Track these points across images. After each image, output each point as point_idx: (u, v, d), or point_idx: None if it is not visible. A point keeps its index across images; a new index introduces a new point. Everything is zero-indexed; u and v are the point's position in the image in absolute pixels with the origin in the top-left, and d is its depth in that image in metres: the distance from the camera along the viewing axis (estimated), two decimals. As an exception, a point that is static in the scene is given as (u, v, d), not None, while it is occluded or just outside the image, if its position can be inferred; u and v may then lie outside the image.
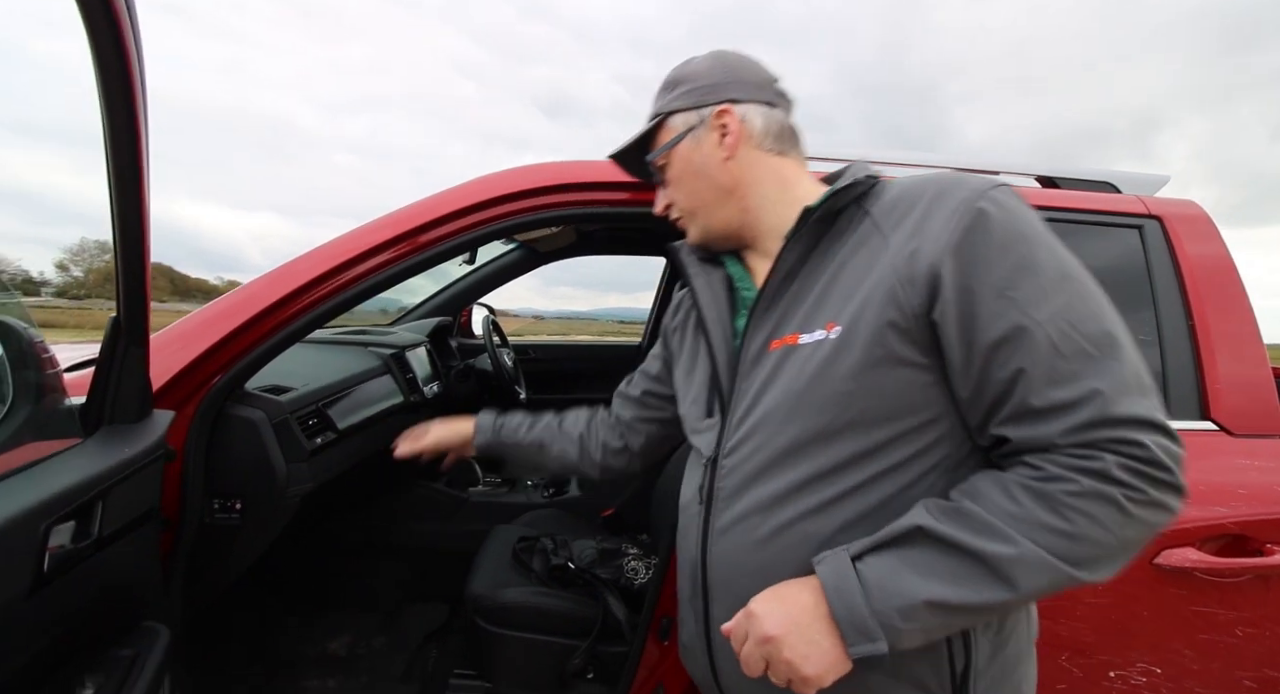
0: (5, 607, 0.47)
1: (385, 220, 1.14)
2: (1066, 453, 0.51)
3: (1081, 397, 0.50)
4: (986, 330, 0.53)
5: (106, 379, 0.78)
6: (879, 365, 0.56)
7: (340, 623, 1.66)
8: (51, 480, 0.56)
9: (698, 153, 0.70)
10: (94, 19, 0.47)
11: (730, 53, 0.73)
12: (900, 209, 0.59)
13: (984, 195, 0.55)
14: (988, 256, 0.53)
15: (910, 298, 0.55)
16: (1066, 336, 0.52)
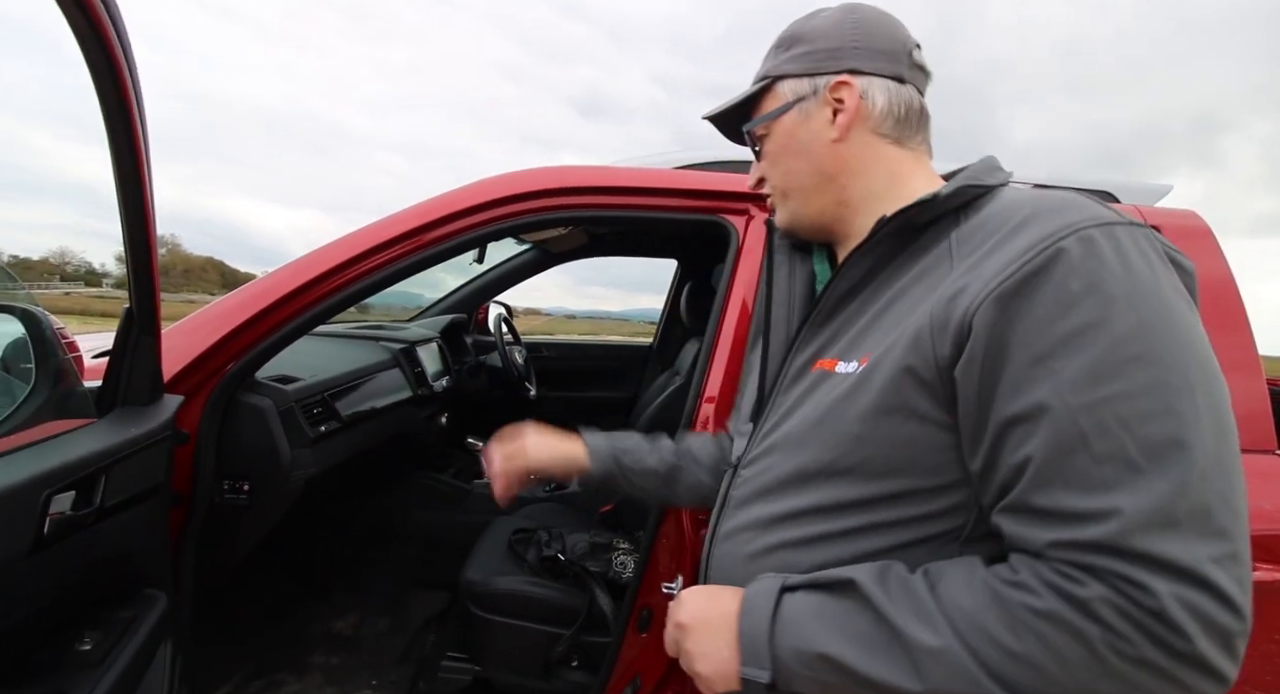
0: (6, 564, 0.53)
1: (392, 219, 1.20)
2: (1051, 565, 0.42)
3: (1096, 512, 0.40)
4: (1006, 401, 0.44)
5: (120, 365, 0.86)
6: (892, 414, 0.50)
7: (348, 604, 1.73)
8: (56, 454, 0.63)
9: (804, 128, 0.61)
10: (86, 41, 0.53)
11: (865, 7, 0.61)
12: (983, 233, 0.50)
13: (1079, 232, 0.44)
14: (1042, 311, 0.43)
15: (936, 345, 0.47)
16: (1108, 433, 0.41)
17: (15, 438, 0.71)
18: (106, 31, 0.53)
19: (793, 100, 0.61)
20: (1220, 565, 0.39)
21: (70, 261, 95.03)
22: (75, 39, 0.52)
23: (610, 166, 1.28)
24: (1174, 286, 0.45)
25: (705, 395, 1.10)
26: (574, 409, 2.63)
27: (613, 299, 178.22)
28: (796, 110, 0.61)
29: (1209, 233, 1.13)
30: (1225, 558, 0.39)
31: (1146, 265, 0.44)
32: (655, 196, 1.22)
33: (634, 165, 1.30)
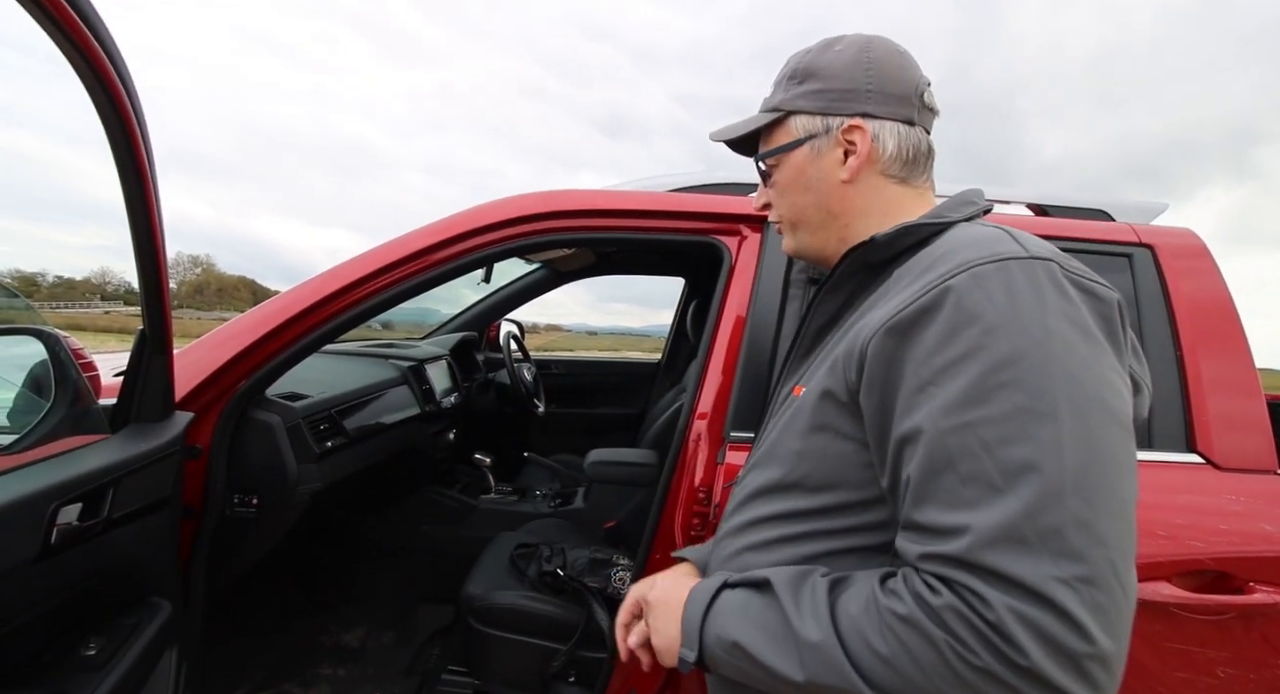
0: (13, 570, 0.57)
1: (398, 241, 1.24)
2: (920, 576, 0.45)
3: (953, 527, 0.43)
4: (897, 424, 0.48)
5: (133, 383, 0.91)
6: (820, 432, 0.55)
7: (356, 617, 1.77)
8: (67, 468, 0.67)
9: (814, 166, 0.62)
10: (90, 82, 0.58)
11: (879, 46, 0.62)
12: (913, 270, 0.53)
13: (972, 268, 0.47)
14: (927, 343, 0.47)
15: (847, 372, 0.52)
16: (970, 455, 0.44)
17: (31, 453, 0.75)
18: (109, 75, 0.57)
19: (805, 137, 0.62)
20: (1067, 586, 0.40)
21: (110, 281, 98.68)
22: (80, 80, 0.57)
23: (606, 190, 1.32)
24: (1065, 314, 0.46)
25: (698, 412, 1.12)
26: (583, 425, 2.66)
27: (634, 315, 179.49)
28: (808, 147, 0.62)
29: (1206, 252, 1.12)
30: (1075, 580, 0.40)
31: (1034, 295, 0.46)
32: (649, 218, 1.25)
33: (632, 188, 1.33)
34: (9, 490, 0.58)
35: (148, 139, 0.67)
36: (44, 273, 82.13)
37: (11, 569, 0.57)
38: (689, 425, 1.12)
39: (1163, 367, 1.04)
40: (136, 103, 0.63)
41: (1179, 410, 1.02)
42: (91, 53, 0.55)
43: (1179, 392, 1.02)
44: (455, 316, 2.51)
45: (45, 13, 0.49)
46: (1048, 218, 1.22)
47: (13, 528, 0.57)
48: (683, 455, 1.12)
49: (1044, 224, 1.17)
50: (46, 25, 0.50)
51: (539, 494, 1.98)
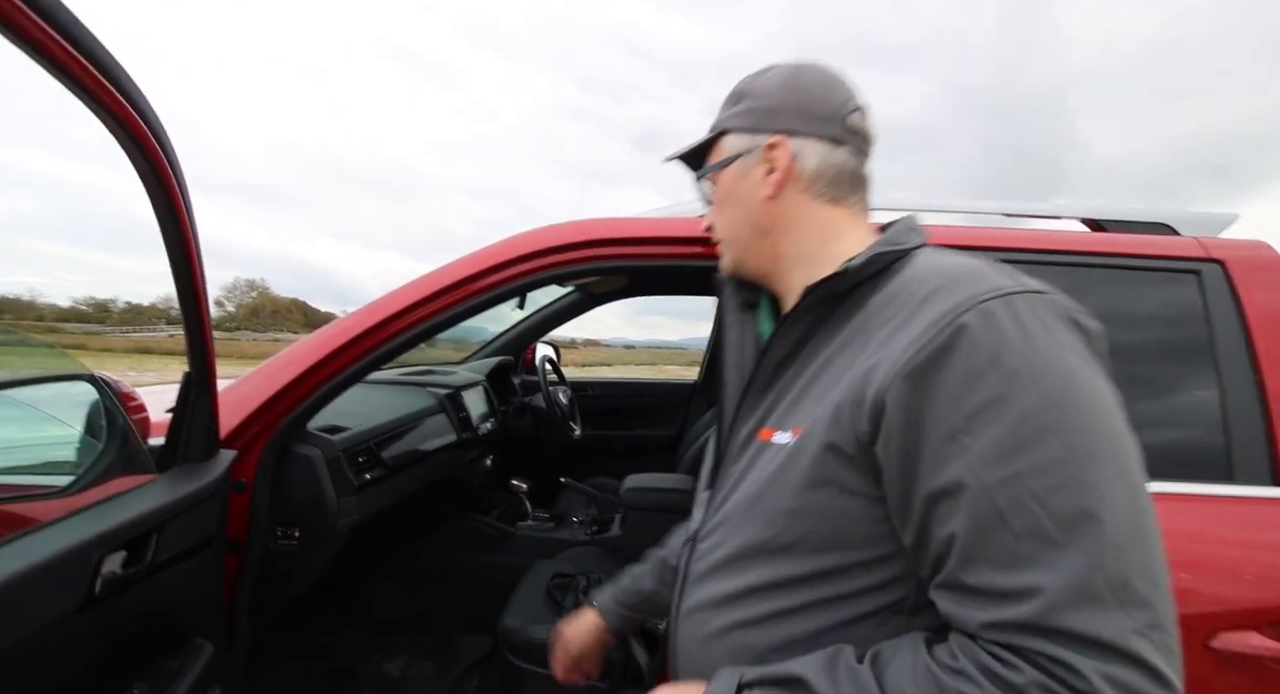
0: (57, 622, 0.59)
1: (434, 275, 1.26)
2: (985, 647, 0.42)
3: (1020, 589, 0.41)
4: (927, 478, 0.45)
5: (180, 424, 0.93)
6: (822, 488, 0.51)
7: (397, 645, 1.77)
8: (111, 516, 0.69)
9: (743, 182, 0.63)
10: (130, 149, 0.60)
11: (810, 70, 0.63)
12: (895, 303, 0.51)
13: (979, 306, 0.45)
14: (950, 388, 0.44)
15: (855, 422, 0.48)
16: (1023, 508, 0.41)
17: (84, 496, 0.78)
18: (145, 137, 0.59)
19: (734, 155, 0.64)
20: (1145, 637, 0.39)
21: (174, 307, 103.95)
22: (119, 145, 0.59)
23: (641, 218, 1.31)
24: (1075, 351, 0.46)
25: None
26: (620, 448, 2.64)
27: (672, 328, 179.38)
28: (738, 164, 0.64)
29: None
30: (1149, 628, 0.40)
31: (1046, 333, 0.45)
32: (685, 245, 1.24)
33: (666, 215, 1.32)
34: (53, 543, 0.59)
35: (189, 201, 0.69)
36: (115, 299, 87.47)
37: (55, 622, 0.58)
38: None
39: (1240, 392, 0.96)
40: (178, 169, 0.65)
41: (1262, 440, 0.93)
42: (133, 124, 0.56)
43: (1261, 419, 0.94)
44: (491, 341, 2.54)
45: (94, 100, 0.51)
46: (1105, 234, 1.15)
47: (56, 581, 0.59)
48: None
49: (1102, 241, 1.10)
50: (99, 113, 0.52)
51: (576, 521, 1.96)
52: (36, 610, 0.57)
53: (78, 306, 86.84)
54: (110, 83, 0.53)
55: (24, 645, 0.55)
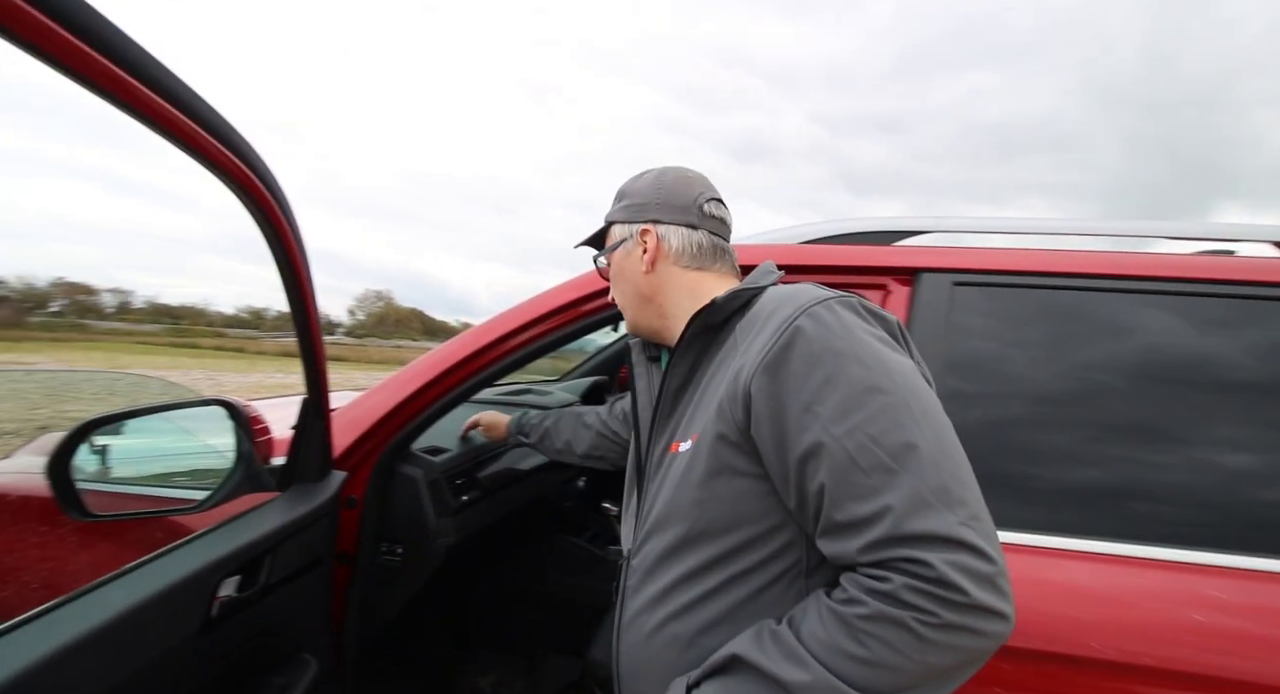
0: (178, 646, 0.63)
1: (537, 299, 1.27)
2: (863, 572, 0.52)
3: (875, 512, 0.51)
4: (795, 445, 0.56)
5: (299, 446, 0.99)
6: (718, 475, 0.61)
7: (490, 662, 1.81)
8: (227, 541, 0.73)
9: (627, 261, 0.81)
10: (240, 196, 0.64)
11: (671, 173, 0.81)
12: (754, 323, 0.64)
13: (806, 311, 0.59)
14: (797, 372, 0.56)
15: (734, 413, 0.60)
16: (866, 450, 0.52)
17: (212, 514, 0.84)
18: (262, 196, 0.63)
19: (619, 240, 0.81)
20: (968, 527, 0.50)
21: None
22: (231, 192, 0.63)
23: (740, 245, 1.26)
24: (874, 335, 0.59)
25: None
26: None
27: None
28: (622, 248, 0.81)
29: None
30: (970, 520, 0.51)
31: (856, 323, 0.59)
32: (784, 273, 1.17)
33: (762, 241, 1.25)
34: (178, 568, 0.64)
35: (303, 248, 0.73)
36: (268, 308, 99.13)
37: (177, 645, 0.62)
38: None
39: None
40: (299, 238, 0.69)
41: None
42: (242, 176, 0.60)
43: None
44: (588, 359, 2.56)
45: (202, 157, 0.54)
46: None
47: (180, 605, 0.63)
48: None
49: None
50: (207, 166, 0.56)
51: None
52: (161, 635, 0.61)
53: (239, 314, 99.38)
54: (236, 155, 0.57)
55: (150, 668, 0.59)
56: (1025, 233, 1.11)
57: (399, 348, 58.45)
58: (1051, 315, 0.99)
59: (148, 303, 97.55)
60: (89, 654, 0.51)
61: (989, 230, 1.15)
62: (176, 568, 0.64)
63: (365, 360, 29.55)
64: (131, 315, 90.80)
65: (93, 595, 0.56)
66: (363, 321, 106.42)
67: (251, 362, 24.33)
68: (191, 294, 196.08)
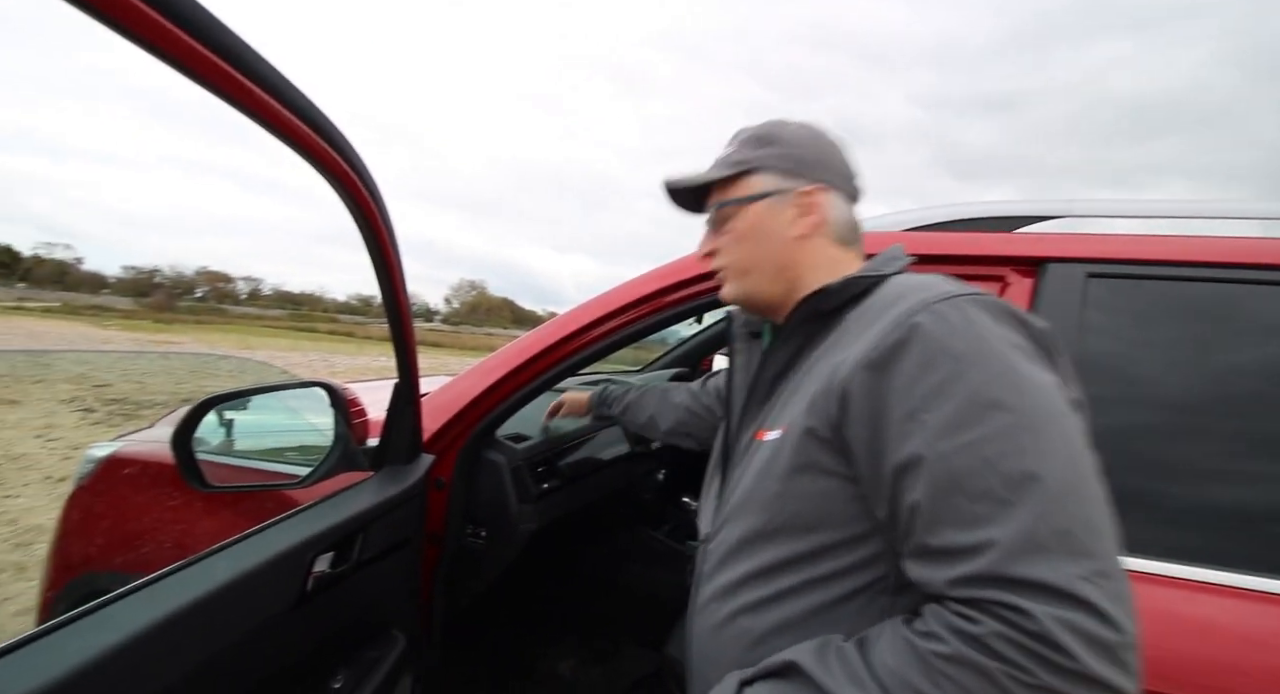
0: (276, 617, 0.66)
1: (622, 288, 1.26)
2: (951, 607, 0.46)
3: (975, 544, 0.45)
4: (891, 454, 0.51)
5: (390, 429, 1.03)
6: (803, 472, 0.57)
7: (569, 647, 1.84)
8: (321, 519, 0.77)
9: (772, 220, 0.69)
10: (339, 191, 0.65)
11: (825, 133, 0.72)
12: (869, 314, 0.59)
13: (930, 307, 0.53)
14: (906, 374, 0.51)
15: (827, 408, 0.55)
16: (974, 473, 0.46)
17: (313, 490, 0.89)
18: (357, 189, 0.64)
19: (767, 192, 0.69)
20: (1091, 583, 0.42)
21: (415, 302, 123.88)
22: (331, 189, 0.64)
23: None
24: (1011, 342, 0.51)
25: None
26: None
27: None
28: (768, 202, 0.69)
29: None
30: (1094, 575, 0.43)
31: (987, 325, 0.51)
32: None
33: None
34: (276, 543, 0.67)
35: (395, 241, 0.74)
36: (375, 296, 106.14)
37: (275, 616, 0.66)
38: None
39: None
40: (391, 231, 0.70)
41: None
42: (341, 174, 0.61)
43: None
44: (669, 351, 2.53)
45: (302, 149, 0.56)
46: None
47: (278, 579, 0.66)
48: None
49: None
50: (306, 157, 0.57)
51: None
52: (261, 605, 0.64)
53: (350, 301, 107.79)
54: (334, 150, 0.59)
55: (250, 637, 0.63)
56: (1172, 217, 0.96)
57: (490, 335, 61.20)
58: (1202, 312, 0.84)
59: (274, 290, 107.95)
60: (196, 620, 0.55)
61: (1129, 215, 1.00)
62: (276, 543, 0.67)
63: (459, 346, 31.18)
64: (260, 301, 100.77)
65: (200, 565, 0.60)
66: (457, 309, 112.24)
67: (360, 345, 26.34)
68: (310, 282, 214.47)
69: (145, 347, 16.84)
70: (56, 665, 0.43)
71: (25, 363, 9.24)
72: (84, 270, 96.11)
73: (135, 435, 1.58)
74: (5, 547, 2.84)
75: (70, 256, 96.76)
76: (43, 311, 36.60)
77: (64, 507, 1.49)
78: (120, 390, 7.53)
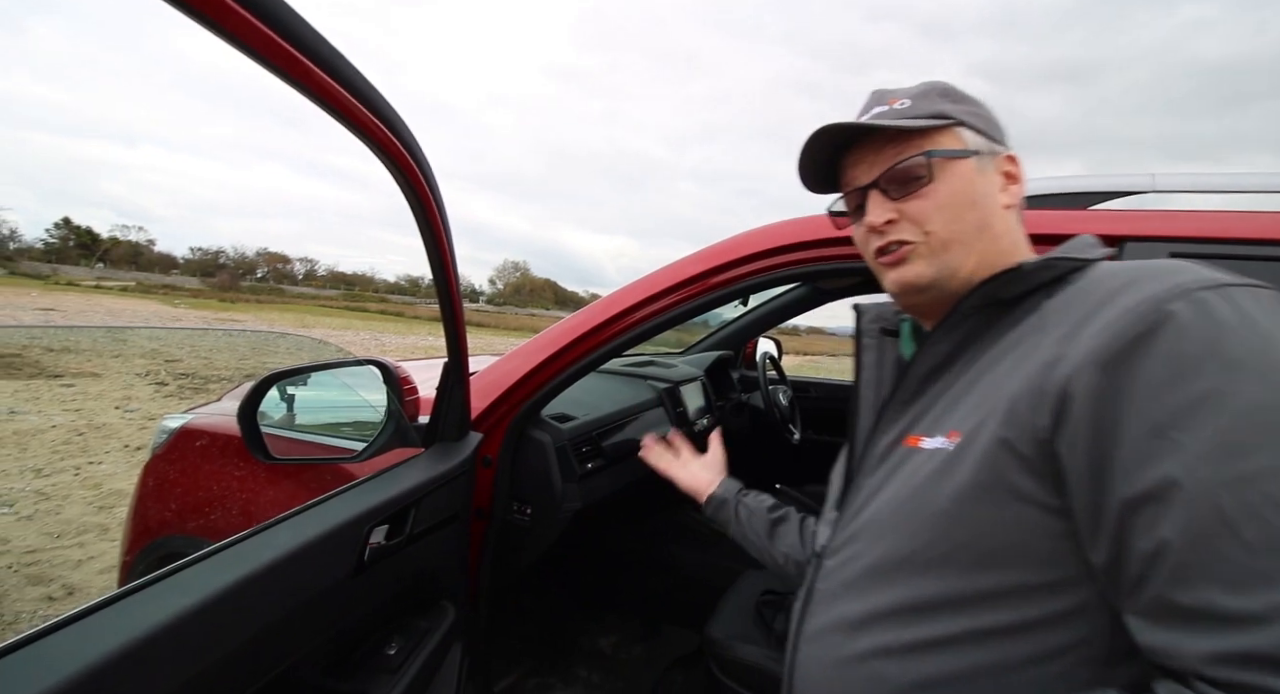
0: (335, 585, 0.69)
1: (668, 269, 1.25)
2: (1202, 690, 0.35)
3: (1253, 613, 0.34)
4: (1126, 479, 0.39)
5: (441, 407, 1.06)
6: (988, 493, 0.45)
7: (612, 625, 1.87)
8: (376, 493, 0.79)
9: (981, 182, 0.57)
10: (396, 175, 0.65)
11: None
12: (1077, 305, 0.47)
13: (1190, 295, 0.41)
14: (1154, 376, 0.39)
15: (1033, 416, 0.44)
16: (1256, 515, 0.35)
17: (368, 464, 0.92)
18: (414, 173, 0.65)
19: (971, 151, 0.58)
20: None
21: (462, 284, 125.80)
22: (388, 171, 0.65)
23: None
24: None
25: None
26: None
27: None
28: (976, 162, 0.58)
29: None
30: None
31: (1272, 325, 0.40)
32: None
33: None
34: (335, 515, 0.70)
35: (446, 223, 0.75)
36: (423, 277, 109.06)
37: (334, 584, 0.69)
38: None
39: None
40: (437, 194, 0.71)
41: None
42: (398, 155, 0.62)
43: None
44: (714, 332, 2.51)
45: (363, 134, 0.56)
46: None
47: (337, 549, 0.69)
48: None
49: None
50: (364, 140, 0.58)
51: (791, 532, 1.85)
52: (320, 574, 0.67)
53: (399, 282, 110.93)
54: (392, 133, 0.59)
55: (312, 602, 0.65)
56: (1264, 192, 0.88)
57: (533, 316, 62.07)
58: None
59: (328, 271, 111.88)
60: (263, 586, 0.58)
61: (1217, 189, 0.93)
62: (335, 514, 0.70)
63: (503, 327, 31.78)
64: (315, 281, 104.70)
65: (265, 534, 0.63)
66: (501, 290, 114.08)
67: (409, 325, 27.13)
68: (361, 264, 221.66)
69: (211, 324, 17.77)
70: (139, 625, 0.46)
71: (105, 338, 9.89)
72: (156, 252, 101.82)
73: (205, 408, 1.67)
74: (91, 509, 3.07)
75: (143, 239, 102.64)
76: (120, 290, 38.99)
77: (141, 474, 1.59)
78: (189, 365, 7.99)
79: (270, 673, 0.60)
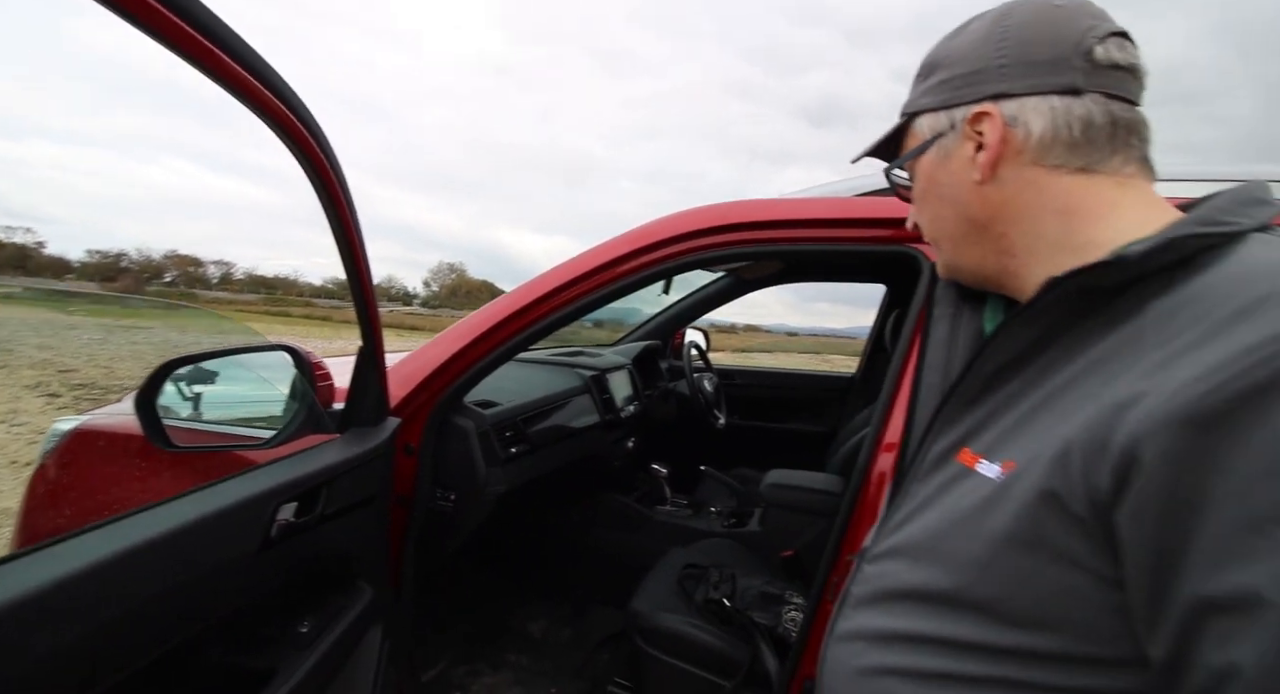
0: (239, 559, 0.69)
1: (581, 257, 1.29)
2: None
3: None
4: (1204, 574, 0.31)
5: (356, 391, 1.05)
6: (1029, 549, 0.38)
7: (539, 609, 1.89)
8: (287, 471, 0.79)
9: (943, 170, 0.51)
10: (298, 157, 0.67)
11: (1024, 8, 0.47)
12: (1190, 313, 0.35)
13: None
14: (1264, 450, 0.29)
15: (1090, 473, 0.35)
16: None
17: (282, 449, 0.92)
18: (314, 153, 0.66)
19: (930, 138, 0.51)
20: None
21: (394, 286, 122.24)
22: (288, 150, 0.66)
23: (787, 199, 1.22)
24: None
25: (884, 443, 0.98)
26: (767, 440, 2.54)
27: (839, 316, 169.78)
28: (935, 149, 0.51)
29: None
30: None
31: None
32: (835, 227, 1.13)
33: (815, 195, 1.21)
34: (240, 491, 0.70)
35: (352, 205, 0.76)
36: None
37: (238, 558, 0.69)
38: (873, 457, 0.98)
39: None
40: (341, 177, 0.72)
41: None
42: (294, 130, 0.63)
43: None
44: (642, 324, 2.57)
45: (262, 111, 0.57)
46: None
47: (241, 524, 0.69)
48: (864, 492, 0.98)
49: None
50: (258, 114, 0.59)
51: (714, 511, 1.93)
52: (224, 546, 0.67)
53: (326, 285, 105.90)
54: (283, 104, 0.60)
55: (214, 573, 0.66)
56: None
57: (470, 319, 60.49)
58: None
59: (246, 274, 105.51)
60: (158, 554, 0.58)
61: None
62: (239, 491, 0.70)
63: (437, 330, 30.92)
64: (232, 285, 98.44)
65: (165, 507, 0.63)
66: (436, 293, 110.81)
67: (336, 329, 25.97)
68: (284, 266, 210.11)
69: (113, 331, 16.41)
70: (14, 587, 0.46)
71: (-15, 349, 8.98)
72: (47, 255, 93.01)
73: (101, 410, 1.58)
74: (-28, 531, 2.81)
75: (32, 241, 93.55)
76: (2, 298, 35.40)
77: (29, 482, 1.49)
78: (87, 375, 7.37)
79: (166, 642, 0.60)
